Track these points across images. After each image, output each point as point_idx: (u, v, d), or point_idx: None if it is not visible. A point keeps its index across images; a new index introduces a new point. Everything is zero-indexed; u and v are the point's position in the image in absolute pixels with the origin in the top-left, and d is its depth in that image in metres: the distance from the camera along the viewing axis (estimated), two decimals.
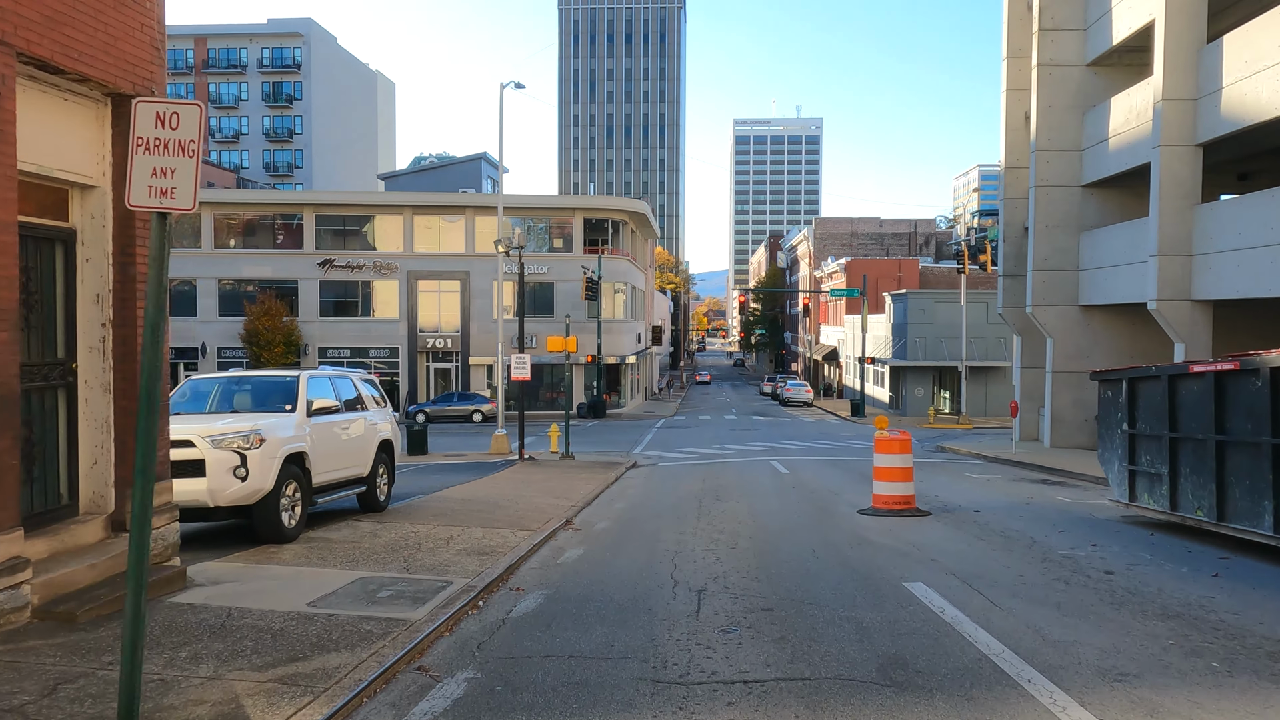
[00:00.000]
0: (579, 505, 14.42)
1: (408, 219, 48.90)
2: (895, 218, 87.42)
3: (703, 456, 26.14)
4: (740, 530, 11.32)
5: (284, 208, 48.86)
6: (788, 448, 28.92)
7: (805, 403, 60.73)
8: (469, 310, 48.84)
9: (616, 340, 50.77)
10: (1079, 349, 27.39)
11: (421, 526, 11.14)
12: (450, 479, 18.68)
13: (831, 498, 14.95)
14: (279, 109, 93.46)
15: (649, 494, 16.49)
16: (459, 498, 14.61)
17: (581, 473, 20.41)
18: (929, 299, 48.94)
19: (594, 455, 27.21)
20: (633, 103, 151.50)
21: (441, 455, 27.39)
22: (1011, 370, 49.89)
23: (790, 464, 22.53)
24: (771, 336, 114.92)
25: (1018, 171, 30.36)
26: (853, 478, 18.78)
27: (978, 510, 12.94)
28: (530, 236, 49.78)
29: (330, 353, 48.65)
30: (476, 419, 44.19)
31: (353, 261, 48.27)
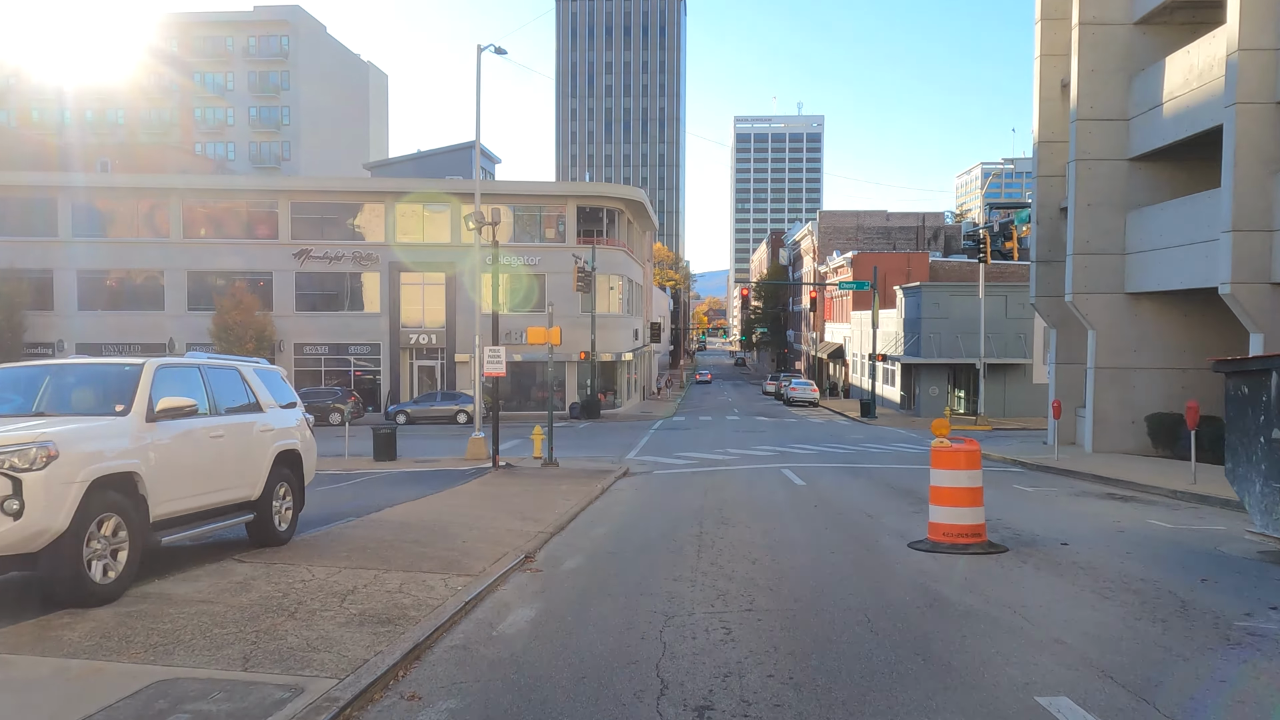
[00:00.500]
0: (549, 531, 11.46)
1: (389, 207, 45.94)
2: (902, 210, 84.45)
3: (703, 463, 23.20)
4: (757, 577, 8.35)
5: (258, 195, 45.90)
6: (798, 452, 25.96)
7: (811, 402, 57.78)
8: (454, 304, 45.89)
9: (612, 336, 47.81)
10: (1125, 342, 24.43)
11: (321, 570, 8.18)
12: (403, 492, 15.73)
13: (867, 522, 11.97)
14: (266, 99, 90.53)
15: (639, 514, 13.54)
16: (398, 521, 11.65)
17: (563, 483, 17.45)
18: (943, 292, 45.99)
19: (582, 461, 24.26)
20: (632, 96, 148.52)
21: (411, 461, 24.44)
22: (1031, 368, 47.04)
23: (805, 473, 19.57)
24: (773, 335, 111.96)
25: (1053, 146, 27.39)
26: (884, 492, 15.80)
27: (1065, 543, 9.96)
28: (520, 226, 46.85)
29: (307, 349, 45.71)
30: (461, 420, 41.24)
31: (331, 252, 45.33)
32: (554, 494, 15.58)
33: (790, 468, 20.84)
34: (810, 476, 18.80)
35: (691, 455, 25.58)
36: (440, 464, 23.55)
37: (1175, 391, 24.15)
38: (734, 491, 16.15)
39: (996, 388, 45.24)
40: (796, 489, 16.42)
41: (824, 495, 15.30)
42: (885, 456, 24.80)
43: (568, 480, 18.15)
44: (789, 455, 24.90)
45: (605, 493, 16.60)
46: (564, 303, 46.26)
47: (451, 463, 23.86)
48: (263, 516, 8.96)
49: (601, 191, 48.26)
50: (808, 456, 24.58)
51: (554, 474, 19.74)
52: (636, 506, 14.44)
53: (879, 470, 20.49)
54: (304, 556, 8.80)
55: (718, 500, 14.74)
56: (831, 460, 23.31)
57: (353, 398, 41.46)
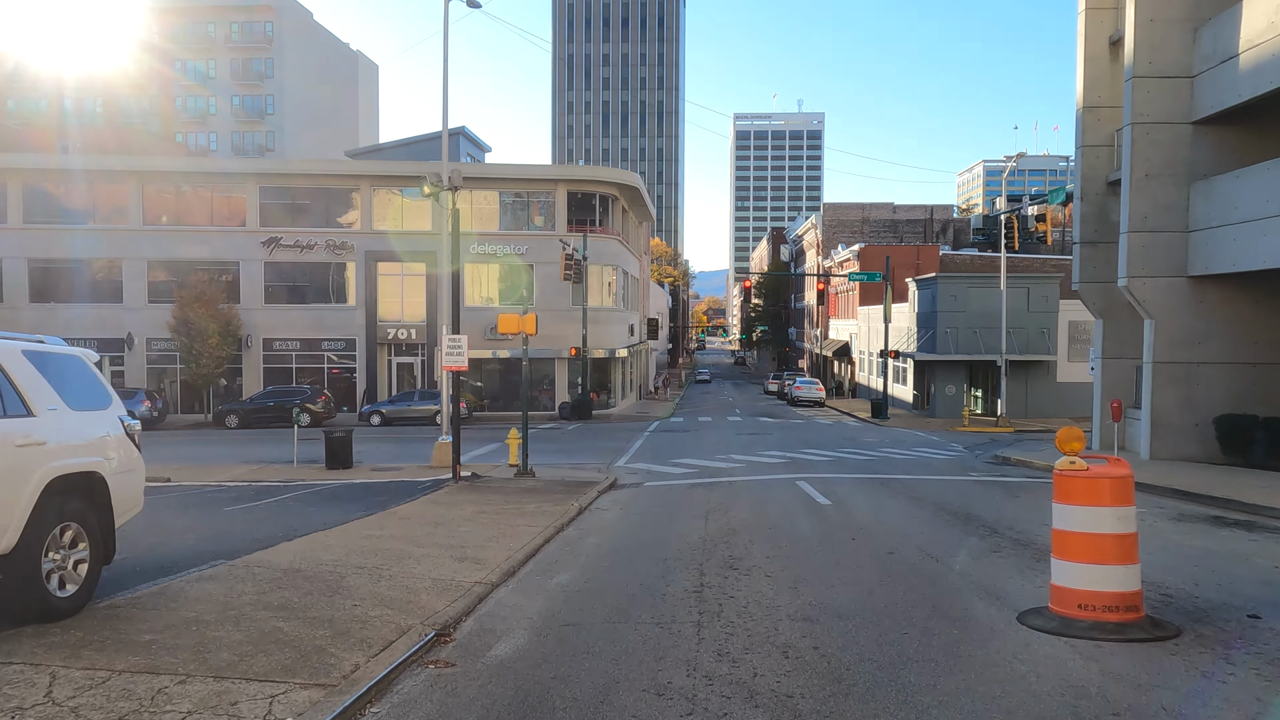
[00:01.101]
0: (492, 579, 8.27)
1: (366, 193, 42.73)
2: (909, 203, 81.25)
3: (704, 472, 20.00)
4: (795, 690, 5.14)
5: (224, 179, 42.65)
6: (812, 459, 22.76)
7: (816, 402, 54.59)
8: (436, 297, 42.64)
9: (605, 332, 44.61)
10: (1188, 333, 21.24)
11: (73, 678, 4.97)
12: (329, 515, 12.55)
13: (934, 570, 8.69)
14: (249, 87, 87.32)
15: (619, 549, 10.35)
16: (283, 566, 8.44)
17: (531, 502, 14.25)
18: (961, 284, 42.82)
19: (564, 469, 21.09)
20: (630, 89, 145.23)
21: (368, 470, 21.24)
22: (1055, 365, 44.05)
23: (826, 487, 16.37)
24: (774, 333, 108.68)
25: (1098, 112, 24.19)
26: (937, 517, 12.57)
27: (1256, 615, 6.71)
28: (507, 213, 43.64)
29: (277, 344, 42.49)
30: (439, 421, 37.98)
31: (303, 240, 42.10)
32: (516, 517, 12.38)
33: (807, 479, 17.64)
34: (834, 492, 15.59)
35: (690, 463, 22.38)
36: (401, 473, 20.37)
37: (1245, 389, 20.99)
38: (742, 513, 12.96)
39: (1018, 387, 42.10)
40: (821, 510, 13.21)
41: (859, 521, 12.09)
42: (913, 465, 21.59)
43: (539, 497, 14.94)
44: (802, 463, 21.69)
45: (582, 514, 13.40)
46: (554, 295, 43.15)
47: (413, 471, 20.68)
48: (22, 577, 5.74)
49: (594, 175, 45.03)
50: (823, 465, 21.37)
51: (525, 488, 16.54)
52: (618, 537, 11.24)
53: (914, 484, 17.29)
54: (69, 646, 5.58)
55: (723, 527, 11.55)
56: (852, 469, 20.10)
57: (323, 396, 38.28)
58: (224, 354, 39.72)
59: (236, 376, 42.21)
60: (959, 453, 25.98)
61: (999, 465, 22.54)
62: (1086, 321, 42.85)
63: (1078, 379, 42.77)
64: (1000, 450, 26.68)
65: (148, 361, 41.94)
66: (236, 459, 24.64)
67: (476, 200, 43.41)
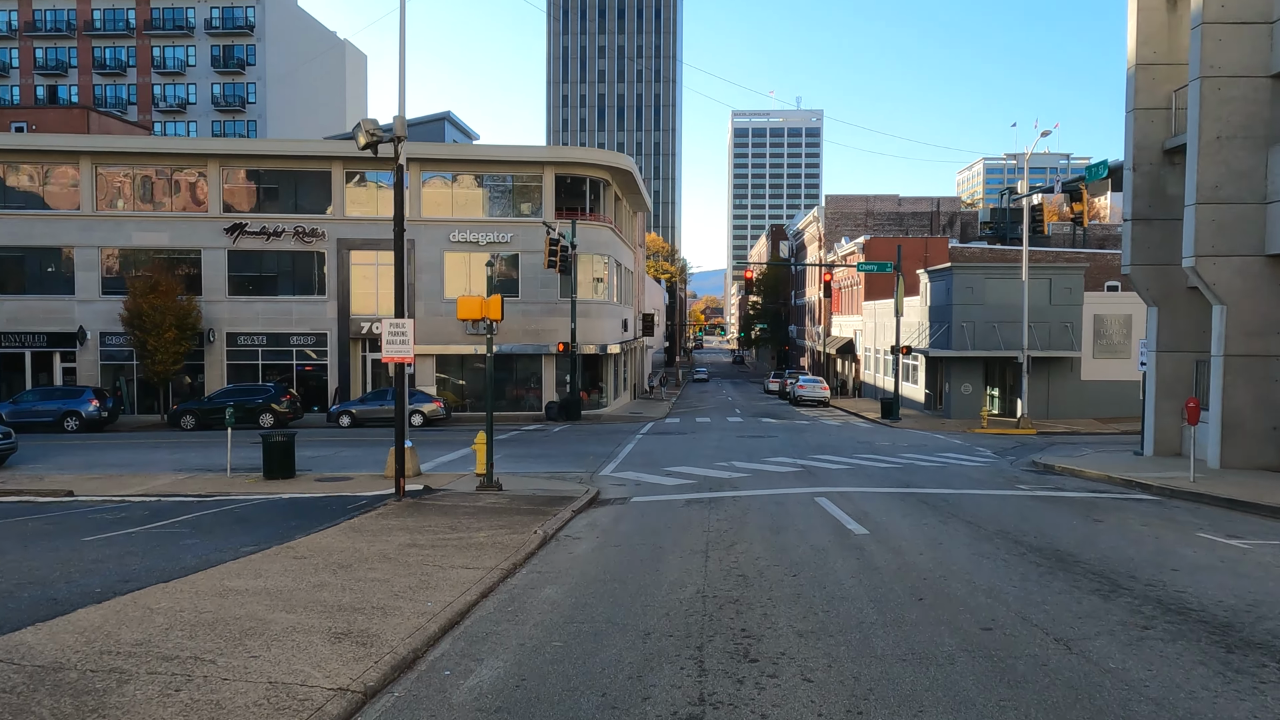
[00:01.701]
0: (370, 680, 5.24)
1: (338, 175, 39.62)
2: (915, 195, 78.26)
3: (703, 483, 16.96)
4: None
5: (183, 159, 39.48)
6: (827, 468, 19.71)
7: (821, 402, 51.57)
8: (414, 288, 39.58)
9: (596, 326, 41.54)
10: (1266, 321, 18.25)
11: None
12: (203, 552, 9.52)
13: (1084, 675, 5.60)
14: (230, 75, 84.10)
15: (581, 613, 7.30)
16: (45, 659, 5.41)
17: (484, 527, 11.21)
18: (978, 275, 39.78)
19: (540, 479, 18.08)
20: (626, 82, 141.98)
21: (311, 480, 18.20)
22: (1079, 362, 41.05)
23: (855, 507, 13.33)
24: (774, 331, 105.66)
25: (1154, 69, 21.17)
26: (1019, 557, 9.53)
27: None
28: (491, 199, 40.55)
29: (242, 339, 39.38)
30: (416, 421, 34.94)
31: (269, 227, 38.97)
32: (455, 554, 9.34)
33: (827, 495, 14.60)
34: (866, 514, 12.56)
35: (687, 471, 19.33)
36: (347, 485, 17.35)
37: None
38: (754, 547, 9.94)
39: (1039, 385, 39.10)
40: (859, 545, 10.15)
41: (917, 564, 9.01)
42: (948, 475, 18.56)
43: (496, 519, 11.90)
44: (816, 473, 18.64)
45: (546, 546, 10.37)
46: (541, 287, 40.12)
47: (362, 483, 17.65)
48: None
49: (584, 158, 41.89)
50: (842, 474, 18.32)
51: (483, 506, 13.48)
52: (585, 588, 8.19)
53: (960, 501, 14.26)
54: None
55: (729, 571, 8.54)
56: (877, 481, 17.06)
57: (288, 395, 35.17)
58: (182, 349, 36.58)
59: (199, 373, 39.13)
60: (991, 459, 22.96)
61: (1042, 474, 19.52)
62: (1113, 315, 39.90)
63: (1103, 377, 39.84)
64: (1035, 455, 23.67)
65: (102, 357, 38.79)
66: (168, 466, 21.59)
67: (457, 184, 40.36)
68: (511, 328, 39.87)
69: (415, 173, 39.71)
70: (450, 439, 28.55)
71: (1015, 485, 16.78)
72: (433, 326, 39.66)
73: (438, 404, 35.47)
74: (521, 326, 39.97)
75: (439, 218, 39.81)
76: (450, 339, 39.61)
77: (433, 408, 35.26)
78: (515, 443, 27.29)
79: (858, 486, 16.00)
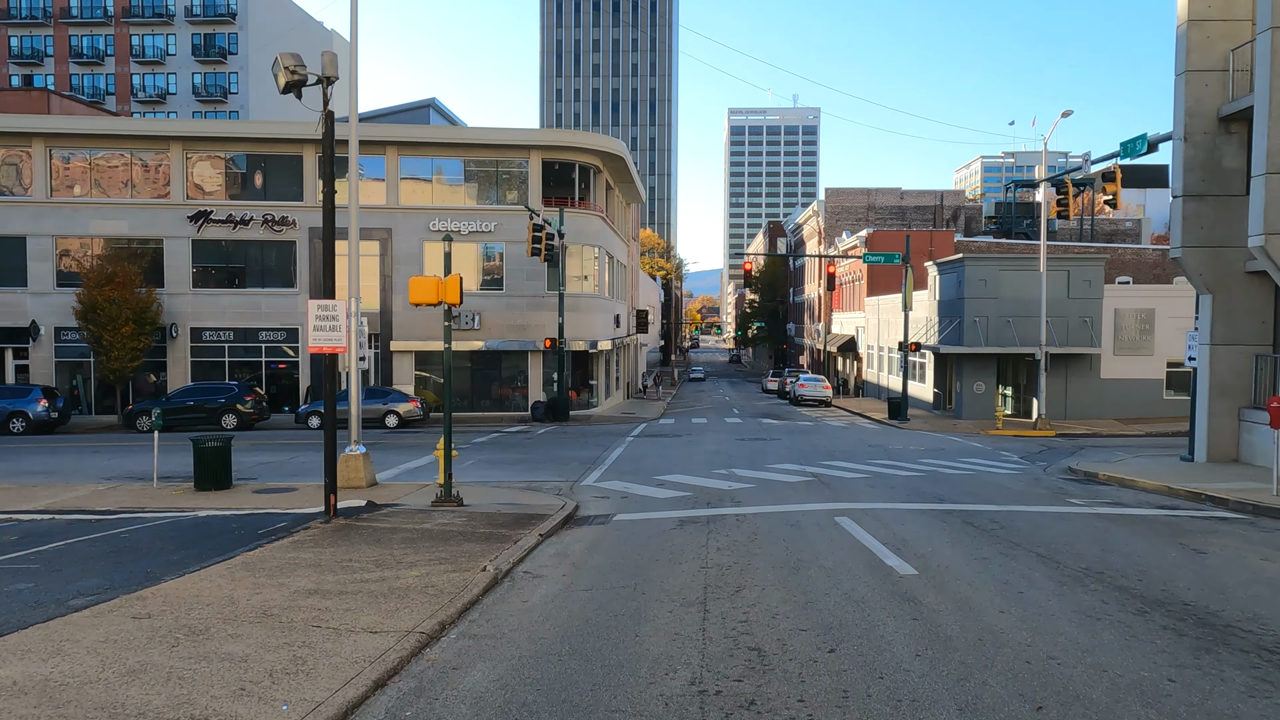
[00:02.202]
0: None
1: (310, 160, 37.14)
2: (918, 188, 75.89)
3: (699, 497, 14.53)
4: None
5: (144, 142, 36.90)
6: (841, 476, 17.30)
7: (823, 401, 49.18)
8: (390, 281, 37.13)
9: (585, 321, 39.07)
10: None
11: None
12: (26, 604, 7.05)
13: None
14: (211, 64, 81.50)
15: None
16: None
17: (418, 562, 8.76)
18: (992, 266, 37.38)
19: (512, 490, 15.67)
20: (620, 76, 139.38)
21: (249, 492, 15.74)
22: (1099, 359, 38.67)
23: (890, 532, 10.91)
24: (771, 330, 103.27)
25: (1208, 26, 18.75)
26: (1134, 614, 7.14)
27: None
28: (474, 186, 38.05)
29: (207, 335, 36.86)
30: (391, 422, 32.47)
31: (237, 215, 36.45)
32: (364, 607, 6.89)
33: (849, 514, 12.17)
34: (905, 542, 10.14)
35: (681, 481, 16.90)
36: (290, 497, 14.90)
37: None
38: (767, 597, 7.52)
39: (1055, 384, 36.71)
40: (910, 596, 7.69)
41: (1000, 631, 6.54)
42: (981, 486, 16.14)
43: (438, 549, 9.45)
44: (831, 484, 16.21)
45: (493, 593, 7.93)
46: (526, 280, 37.68)
47: (308, 494, 15.19)
48: None
49: (573, 141, 39.36)
50: (860, 486, 15.90)
51: (428, 530, 11.02)
52: (528, 676, 5.76)
53: (1012, 521, 11.83)
54: None
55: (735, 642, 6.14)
56: (904, 494, 14.63)
57: (253, 394, 32.67)
58: (140, 345, 34.05)
59: (162, 371, 36.61)
60: (1020, 465, 20.55)
61: (1085, 483, 17.12)
62: (1134, 309, 37.52)
63: (1124, 375, 37.48)
64: (1068, 460, 21.28)
65: (57, 354, 36.25)
66: (97, 474, 19.13)
67: (438, 168, 37.87)
68: (496, 323, 37.44)
69: (393, 157, 37.24)
70: (426, 442, 26.13)
71: (1064, 499, 14.36)
72: (412, 321, 37.20)
73: (414, 403, 33.01)
74: (506, 321, 37.52)
75: (418, 205, 37.34)
76: (431, 334, 37.15)
77: (409, 408, 32.80)
78: (494, 446, 24.86)
79: (883, 502, 13.57)
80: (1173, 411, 37.26)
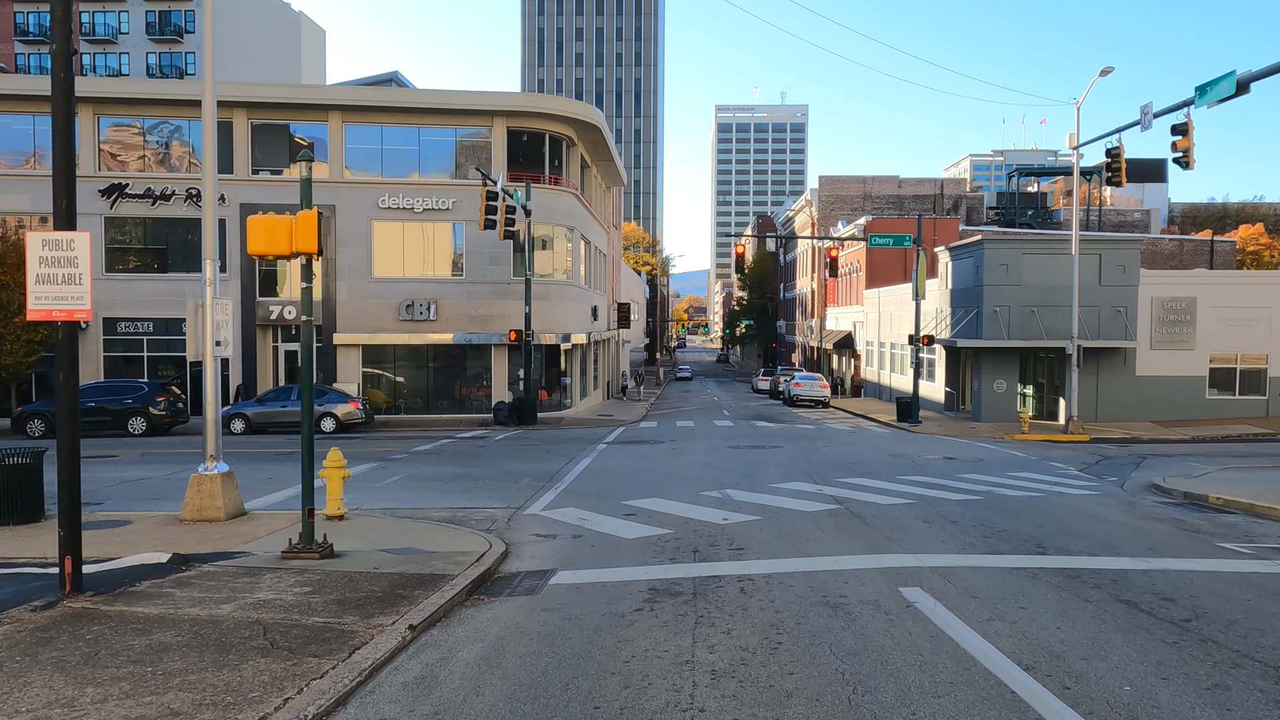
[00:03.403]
0: None
1: (242, 127, 32.50)
2: (916, 177, 71.81)
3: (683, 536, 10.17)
4: None
5: (46, 104, 32.17)
6: (874, 501, 12.92)
7: (820, 402, 44.90)
8: (334, 265, 32.56)
9: (557, 311, 34.59)
10: None
11: None
12: None
13: None
14: (166, 43, 76.57)
15: None
16: None
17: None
18: (1014, 249, 33.17)
19: (430, 521, 11.30)
20: (605, 66, 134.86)
21: (79, 524, 11.12)
22: (1133, 353, 34.56)
23: (1001, 619, 6.63)
24: (760, 328, 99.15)
25: None
26: None
27: None
28: (430, 157, 33.48)
29: (123, 326, 32.19)
30: (327, 426, 27.90)
31: (156, 189, 31.81)
32: None
33: (922, 584, 7.81)
34: (1054, 655, 5.83)
35: (659, 509, 12.49)
36: (113, 536, 10.40)
37: None
38: None
39: (1086, 382, 32.52)
40: None
41: None
42: (1074, 520, 11.81)
43: (186, 681, 4.98)
44: (867, 516, 11.84)
45: None
46: (490, 264, 33.23)
47: (142, 531, 10.73)
48: None
49: (542, 106, 34.73)
50: (906, 518, 11.54)
51: (222, 621, 6.52)
52: None
53: (1184, 589, 7.60)
54: None
55: None
56: (983, 537, 10.29)
57: (167, 394, 28.02)
58: (39, 337, 29.33)
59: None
60: (1092, 482, 16.25)
61: (1197, 510, 12.85)
62: (1176, 299, 33.37)
63: (1162, 371, 33.37)
64: (1141, 475, 17.01)
65: None
66: None
67: (389, 139, 33.33)
68: (454, 313, 32.95)
69: (337, 124, 32.67)
70: (362, 450, 21.66)
71: (1211, 543, 10.06)
72: (359, 310, 32.65)
73: (354, 405, 28.44)
74: (466, 311, 33.03)
75: (365, 179, 32.78)
76: (380, 325, 32.66)
77: (348, 410, 28.24)
78: (435, 456, 20.39)
79: (957, 552, 9.21)
80: (1216, 413, 33.17)
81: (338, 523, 11.73)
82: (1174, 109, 20.43)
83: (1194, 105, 19.62)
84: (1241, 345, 33.31)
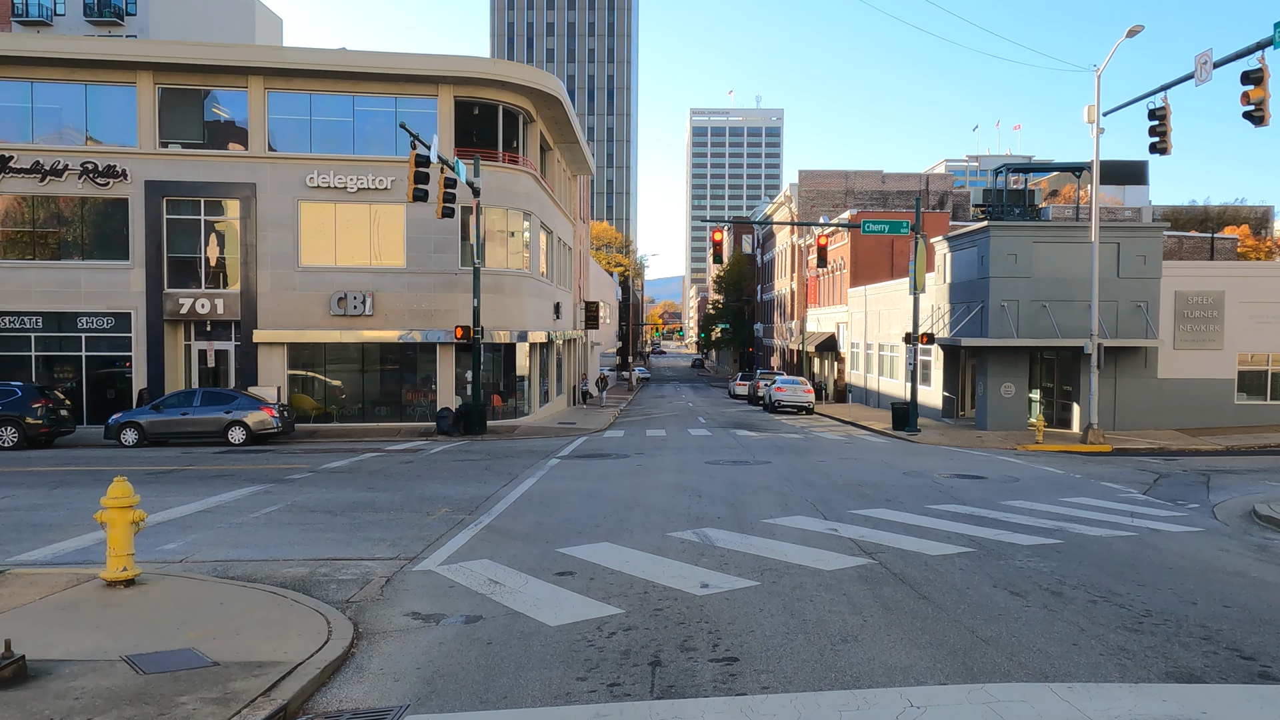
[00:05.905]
0: None
1: (147, 91, 28.25)
2: (900, 171, 68.54)
3: (635, 623, 6.39)
4: None
5: None
6: (922, 554, 9.13)
7: (804, 408, 41.20)
8: (254, 251, 28.36)
9: (512, 306, 30.56)
10: None
11: None
12: None
13: None
14: (105, 26, 71.74)
15: None
16: None
17: None
18: (1024, 237, 29.66)
19: (267, 587, 7.14)
20: (577, 63, 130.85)
21: None
22: (1154, 353, 31.16)
23: None
24: (736, 332, 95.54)
25: None
26: None
27: None
28: (367, 131, 29.36)
29: (7, 320, 27.80)
30: (236, 437, 23.69)
31: (46, 162, 27.49)
32: None
33: None
34: None
35: (607, 564, 8.63)
36: None
37: None
38: None
39: (1103, 385, 29.02)
40: None
41: None
42: (1216, 585, 8.04)
43: None
44: (920, 584, 8.06)
45: None
46: (435, 252, 29.22)
47: None
48: None
49: (494, 72, 30.56)
50: (984, 589, 7.77)
51: None
52: None
53: None
54: None
55: None
56: (1089, 624, 6.60)
57: (44, 400, 23.71)
58: None
59: None
60: (1176, 512, 12.53)
61: None
62: (1202, 293, 29.98)
63: (1186, 374, 29.97)
64: (1225, 499, 13.38)
65: None
66: None
67: (319, 108, 29.23)
68: (394, 307, 28.89)
69: (259, 90, 28.54)
70: (256, 467, 17.55)
71: None
72: (285, 304, 28.49)
73: (268, 411, 24.25)
74: (408, 306, 28.97)
75: (291, 154, 28.62)
76: (309, 321, 28.54)
77: (260, 418, 24.06)
78: (342, 476, 16.31)
79: (1116, 675, 5.41)
80: (1246, 419, 29.83)
81: (119, 590, 7.72)
82: (1244, 53, 16.91)
83: (1273, 46, 16.10)
84: (1275, 345, 30.00)
